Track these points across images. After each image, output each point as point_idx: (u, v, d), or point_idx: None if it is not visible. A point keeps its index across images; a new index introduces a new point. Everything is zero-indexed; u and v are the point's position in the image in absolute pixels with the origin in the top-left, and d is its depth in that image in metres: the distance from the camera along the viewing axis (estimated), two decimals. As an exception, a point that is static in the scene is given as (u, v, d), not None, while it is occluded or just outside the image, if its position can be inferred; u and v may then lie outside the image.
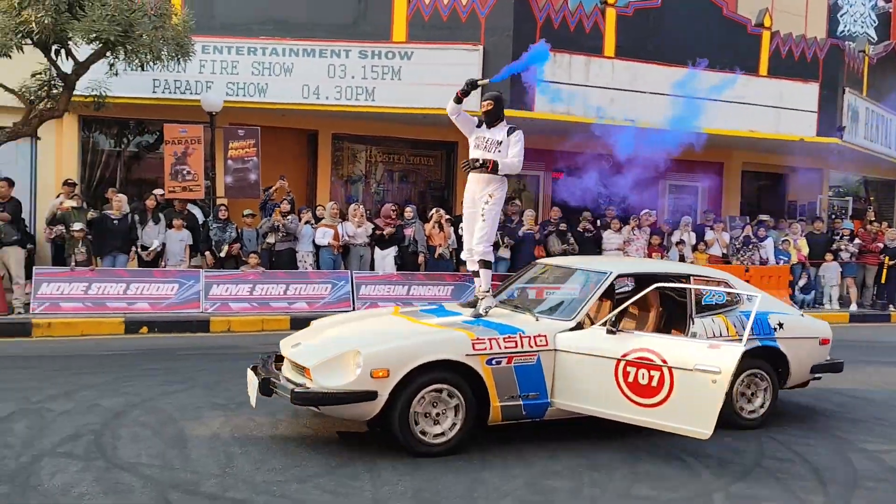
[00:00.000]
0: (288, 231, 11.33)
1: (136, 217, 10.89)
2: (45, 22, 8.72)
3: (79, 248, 10.16)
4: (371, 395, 4.92)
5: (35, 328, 9.41)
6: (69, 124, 12.02)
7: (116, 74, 10.15)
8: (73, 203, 10.37)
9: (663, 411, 4.99)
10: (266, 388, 5.23)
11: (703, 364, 4.86)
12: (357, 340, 5.32)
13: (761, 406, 6.09)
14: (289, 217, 11.37)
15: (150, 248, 10.82)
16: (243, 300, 10.82)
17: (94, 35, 9.11)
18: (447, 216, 12.28)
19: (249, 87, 12.02)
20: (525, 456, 5.20)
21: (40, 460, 4.83)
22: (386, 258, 11.84)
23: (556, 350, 5.36)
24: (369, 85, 12.10)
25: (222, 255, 11.01)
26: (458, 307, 6.13)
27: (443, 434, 5.11)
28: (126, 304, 10.24)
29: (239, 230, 11.31)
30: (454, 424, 5.12)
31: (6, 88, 9.84)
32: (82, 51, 9.87)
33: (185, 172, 11.45)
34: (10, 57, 9.22)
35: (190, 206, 11.62)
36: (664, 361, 5.00)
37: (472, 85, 6.01)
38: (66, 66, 9.91)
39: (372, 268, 11.80)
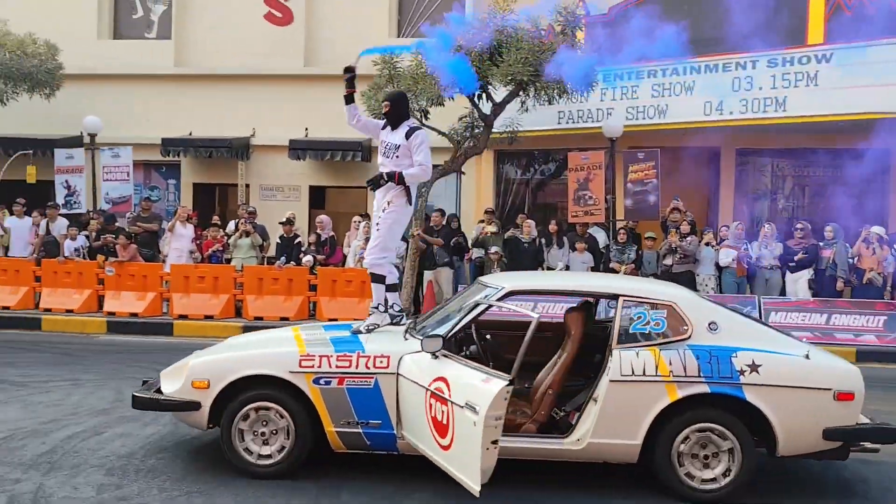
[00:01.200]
0: (686, 253, 11.03)
1: (543, 240, 11.70)
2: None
3: (494, 268, 11.29)
4: (194, 406, 4.73)
5: (460, 339, 10.68)
6: (487, 159, 13.50)
7: (527, 111, 11.10)
8: (493, 228, 11.60)
9: (451, 456, 4.11)
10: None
11: (470, 400, 3.93)
12: (214, 350, 5.17)
13: (724, 474, 4.51)
14: (688, 238, 11.07)
15: (556, 269, 11.49)
16: (642, 322, 10.82)
17: (510, 77, 10.12)
18: (883, 234, 10.62)
19: (649, 109, 12.09)
20: None
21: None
22: (798, 282, 10.74)
23: (398, 374, 4.58)
24: (780, 94, 11.21)
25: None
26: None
27: (269, 456, 4.71)
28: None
29: (639, 252, 11.38)
30: (283, 447, 4.70)
31: (438, 132, 11.45)
32: (499, 93, 11.02)
33: (587, 197, 11.97)
34: (443, 105, 10.74)
35: (593, 230, 12.07)
36: (449, 395, 4.11)
37: (349, 71, 5.54)
38: (486, 107, 11.16)
39: (783, 293, 10.81)
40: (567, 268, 11.53)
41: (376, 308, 5.41)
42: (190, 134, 14.23)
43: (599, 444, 4.53)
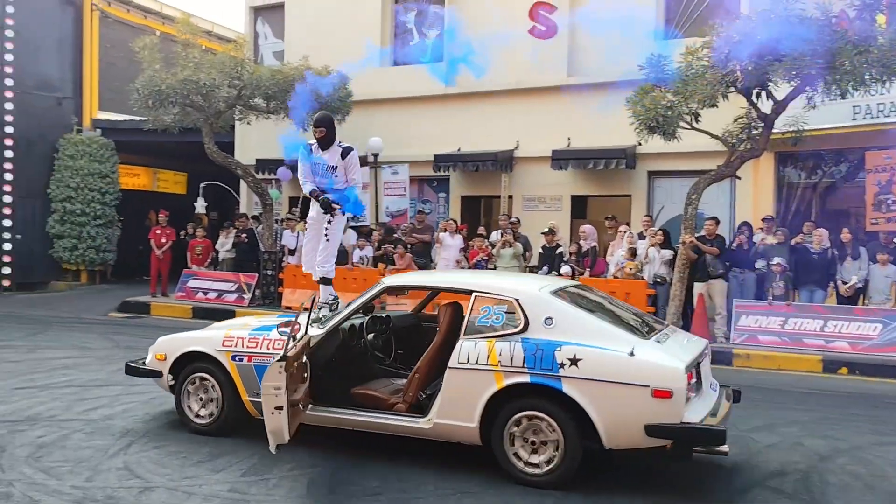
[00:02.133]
0: None
1: (835, 251, 10.44)
2: (749, 69, 9.23)
3: (776, 281, 10.30)
4: (157, 374, 6.07)
5: (735, 358, 9.91)
6: (766, 162, 12.40)
7: (814, 107, 9.99)
8: (773, 239, 10.60)
9: None
10: None
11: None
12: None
13: (549, 461, 4.76)
14: None
15: (849, 284, 10.19)
16: (964, 348, 9.18)
17: (794, 72, 9.19)
18: None
19: (973, 96, 10.22)
20: None
21: (750, 490, 5.00)
22: None
23: None
24: None
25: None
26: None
27: (204, 417, 5.85)
28: (823, 341, 9.87)
29: (960, 266, 9.68)
30: (213, 411, 5.78)
31: (711, 135, 10.76)
32: (781, 90, 10.06)
33: (889, 202, 10.47)
34: (716, 106, 10.08)
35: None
36: None
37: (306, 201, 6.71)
38: (765, 106, 10.26)
39: None
40: (866, 282, 10.17)
41: (325, 304, 6.34)
42: (459, 150, 14.98)
43: (444, 425, 5.03)
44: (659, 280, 11.06)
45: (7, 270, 16.90)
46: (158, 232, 15.08)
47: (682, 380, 4.51)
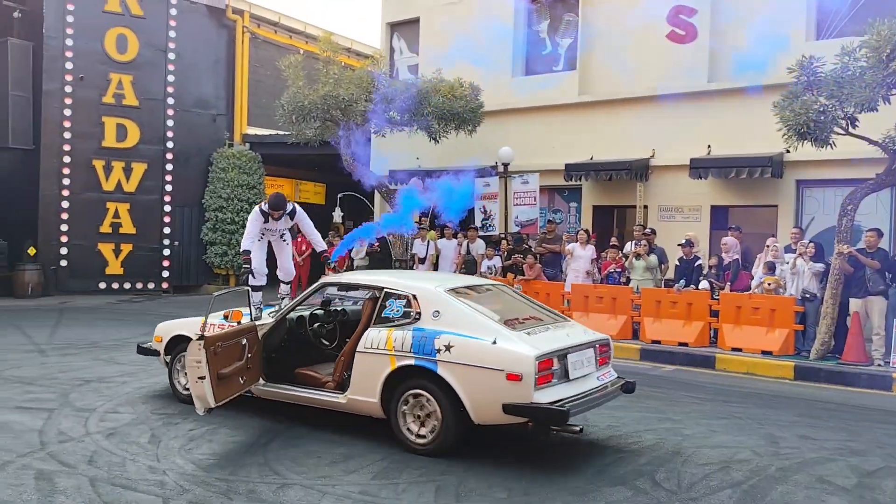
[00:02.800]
0: None
1: None
2: (916, 67, 8.46)
3: (946, 301, 9.33)
4: (156, 353, 7.37)
5: (895, 384, 9.06)
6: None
7: None
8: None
9: None
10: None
11: None
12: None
13: (431, 432, 5.57)
14: None
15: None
16: None
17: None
18: None
19: None
20: None
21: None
22: None
23: None
24: None
25: None
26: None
27: (187, 390, 6.56)
28: None
29: None
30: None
31: (870, 141, 9.94)
32: (953, 89, 9.15)
33: None
34: (875, 110, 9.31)
35: None
36: None
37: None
38: (934, 108, 9.36)
39: None
40: None
41: (286, 296, 7.85)
42: (591, 158, 14.72)
43: (355, 400, 5.89)
44: (808, 296, 10.30)
45: (166, 274, 18.37)
46: (299, 240, 15.80)
47: (531, 366, 5.19)
